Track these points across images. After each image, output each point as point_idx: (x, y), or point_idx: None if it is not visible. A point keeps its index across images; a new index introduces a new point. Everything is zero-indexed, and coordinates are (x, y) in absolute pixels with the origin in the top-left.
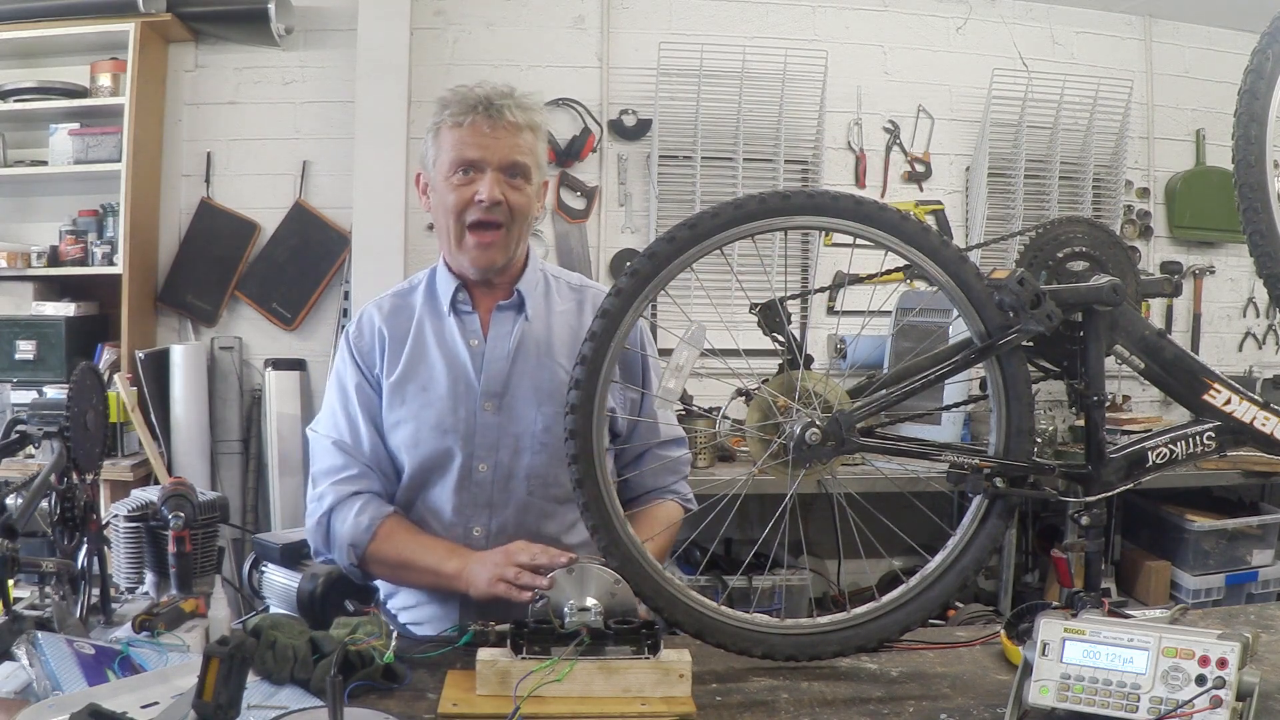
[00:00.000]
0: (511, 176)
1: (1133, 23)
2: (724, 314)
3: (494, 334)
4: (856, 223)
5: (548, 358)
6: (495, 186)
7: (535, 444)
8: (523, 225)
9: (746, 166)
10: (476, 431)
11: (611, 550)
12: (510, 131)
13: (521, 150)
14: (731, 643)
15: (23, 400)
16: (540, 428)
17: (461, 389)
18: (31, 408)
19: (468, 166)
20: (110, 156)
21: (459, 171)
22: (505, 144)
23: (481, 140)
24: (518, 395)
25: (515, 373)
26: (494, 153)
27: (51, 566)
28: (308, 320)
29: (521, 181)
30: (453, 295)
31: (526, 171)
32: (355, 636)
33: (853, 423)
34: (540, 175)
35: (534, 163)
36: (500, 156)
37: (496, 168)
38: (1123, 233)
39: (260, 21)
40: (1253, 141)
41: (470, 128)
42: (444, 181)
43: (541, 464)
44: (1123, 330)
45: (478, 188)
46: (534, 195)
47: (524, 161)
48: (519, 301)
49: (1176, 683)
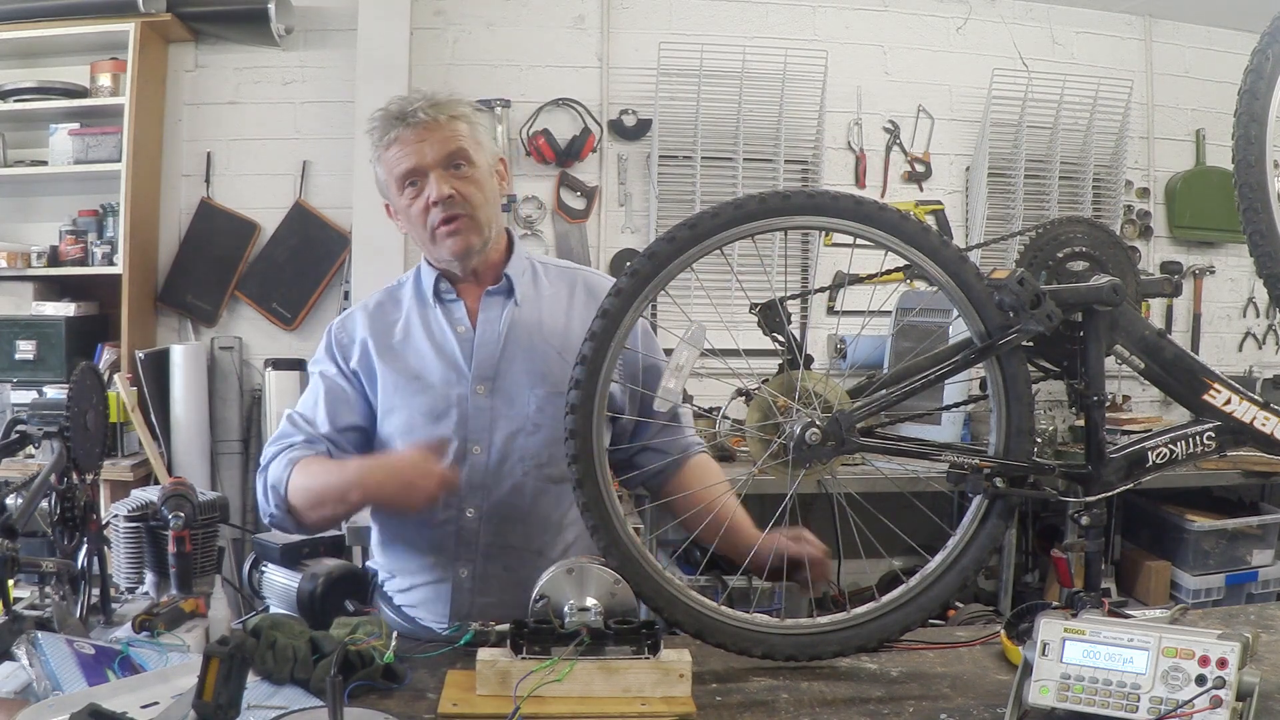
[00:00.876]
0: (454, 168)
1: (1133, 23)
2: (724, 314)
3: (484, 319)
4: (856, 223)
5: (539, 340)
6: (440, 184)
7: (529, 425)
8: (487, 206)
9: (746, 166)
10: (470, 415)
11: (611, 550)
12: (433, 129)
13: (453, 140)
14: (731, 643)
15: (23, 400)
16: (533, 409)
17: (453, 375)
18: (31, 408)
19: (411, 177)
20: (110, 156)
21: (407, 185)
22: (434, 142)
23: (411, 149)
24: (510, 378)
25: (506, 356)
26: (426, 154)
27: (51, 566)
28: (308, 320)
29: (466, 169)
30: (434, 285)
31: (466, 155)
32: (355, 636)
33: (853, 423)
34: (487, 153)
35: (472, 144)
36: (434, 156)
37: (435, 166)
38: (1123, 233)
39: (260, 21)
40: (1253, 141)
41: (398, 142)
42: (399, 199)
43: (535, 445)
44: (1123, 330)
45: (426, 192)
46: (487, 174)
47: (458, 148)
48: (508, 287)
49: (1176, 683)
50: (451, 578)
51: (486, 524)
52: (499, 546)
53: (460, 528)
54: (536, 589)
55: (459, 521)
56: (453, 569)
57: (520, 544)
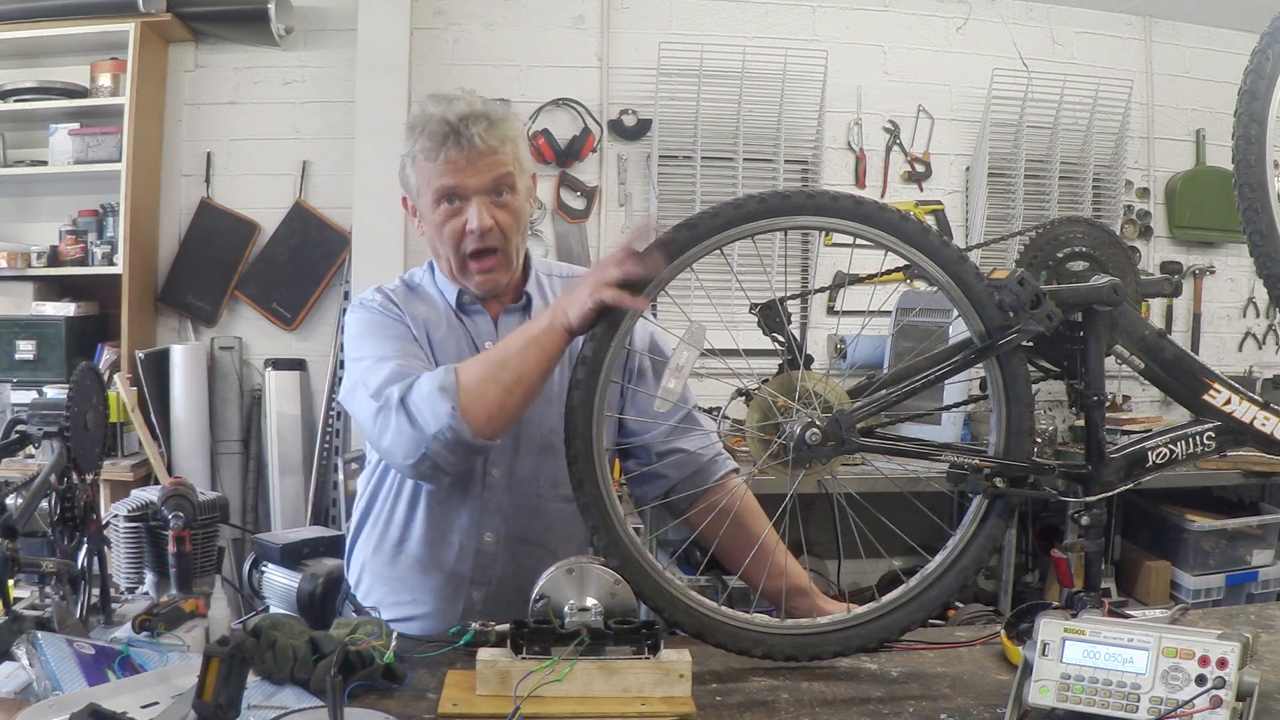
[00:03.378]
0: (497, 195)
1: (1133, 23)
2: (724, 314)
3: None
4: (856, 223)
5: None
6: (483, 213)
7: (545, 445)
8: (519, 237)
9: (746, 166)
10: None
11: (611, 550)
12: (485, 154)
13: (500, 166)
14: (731, 643)
15: (23, 400)
16: (548, 429)
17: None
18: (31, 408)
19: (451, 196)
20: (110, 156)
21: (444, 202)
22: (483, 167)
23: (459, 171)
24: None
25: None
26: (474, 179)
27: (51, 566)
28: (308, 320)
29: (508, 196)
30: (458, 295)
31: (510, 182)
32: (355, 636)
33: (853, 423)
34: (525, 177)
35: (517, 170)
36: (481, 182)
37: (479, 193)
38: (1123, 233)
39: (260, 21)
40: (1253, 141)
41: (447, 160)
42: (432, 213)
43: (552, 466)
44: (1123, 330)
45: (466, 217)
46: (525, 198)
47: (506, 175)
48: (526, 304)
49: (1176, 683)
50: (464, 600)
51: (504, 548)
52: (516, 570)
53: (479, 552)
54: (536, 589)
55: (477, 546)
56: (466, 592)
57: (538, 567)
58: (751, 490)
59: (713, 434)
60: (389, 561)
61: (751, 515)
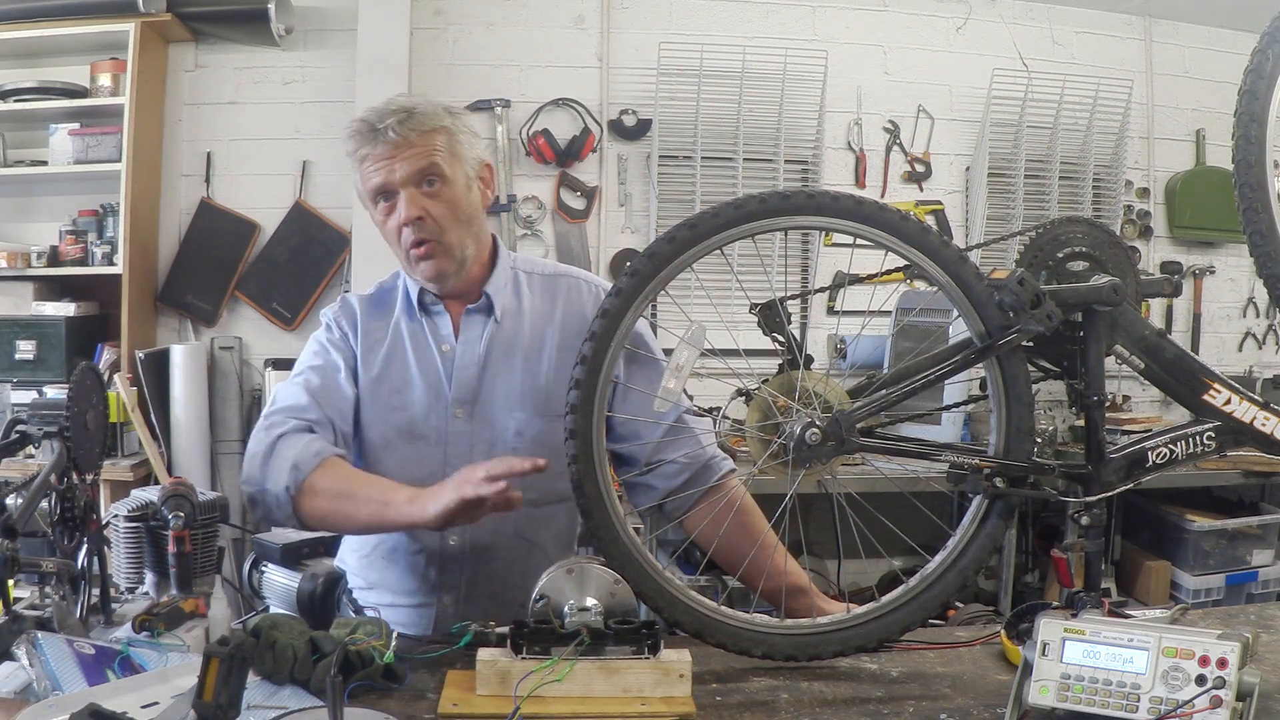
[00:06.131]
0: (427, 185)
1: (1133, 23)
2: (724, 314)
3: (464, 339)
4: (856, 223)
5: (519, 360)
6: (410, 205)
7: (507, 449)
8: (457, 227)
9: (746, 166)
10: (449, 440)
11: (611, 550)
12: (403, 146)
13: (425, 156)
14: (731, 643)
15: (23, 400)
16: (512, 433)
17: (433, 397)
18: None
19: (384, 193)
20: (110, 156)
21: (380, 200)
22: (404, 159)
23: (383, 165)
24: (489, 401)
25: (486, 378)
26: (396, 172)
27: (51, 566)
28: (308, 320)
29: (438, 185)
30: (419, 294)
31: (438, 171)
32: (355, 636)
33: (853, 423)
34: (465, 164)
35: (447, 158)
36: (404, 174)
37: (405, 184)
38: (1123, 233)
39: (260, 21)
40: (1253, 141)
41: (371, 158)
42: (375, 213)
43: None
44: (1123, 330)
45: (398, 210)
46: (463, 189)
47: (431, 163)
48: (488, 304)
49: (1176, 683)
50: (435, 604)
51: (470, 552)
52: (484, 575)
53: (444, 555)
54: (536, 589)
55: (442, 547)
56: (436, 596)
57: (504, 570)
58: (751, 491)
59: (707, 436)
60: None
61: (749, 516)
